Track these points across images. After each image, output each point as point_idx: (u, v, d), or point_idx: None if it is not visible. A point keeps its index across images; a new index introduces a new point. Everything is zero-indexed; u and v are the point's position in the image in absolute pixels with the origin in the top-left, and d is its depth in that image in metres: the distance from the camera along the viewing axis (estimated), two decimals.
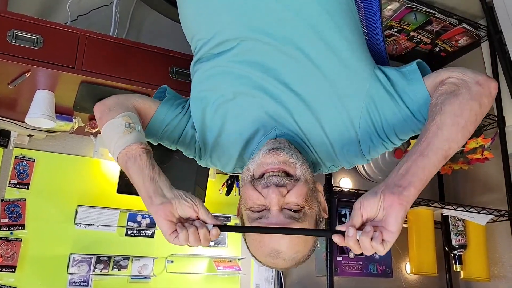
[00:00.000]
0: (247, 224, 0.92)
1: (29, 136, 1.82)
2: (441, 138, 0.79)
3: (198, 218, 0.86)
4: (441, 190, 2.53)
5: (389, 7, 2.05)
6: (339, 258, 1.85)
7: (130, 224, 1.92)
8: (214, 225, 0.84)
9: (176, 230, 0.83)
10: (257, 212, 0.89)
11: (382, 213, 0.75)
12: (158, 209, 0.84)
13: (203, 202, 1.96)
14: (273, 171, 0.90)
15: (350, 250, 1.92)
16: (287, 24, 0.97)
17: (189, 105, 1.09)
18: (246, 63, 0.99)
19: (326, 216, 0.99)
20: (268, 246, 0.87)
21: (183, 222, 0.85)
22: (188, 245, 0.83)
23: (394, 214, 0.74)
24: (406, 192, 0.75)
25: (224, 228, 0.85)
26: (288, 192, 0.87)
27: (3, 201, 1.75)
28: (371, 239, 0.75)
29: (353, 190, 2.01)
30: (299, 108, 0.99)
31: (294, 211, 0.88)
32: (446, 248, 2.21)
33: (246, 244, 0.96)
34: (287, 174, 0.91)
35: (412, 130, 0.94)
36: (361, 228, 0.78)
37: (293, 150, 0.95)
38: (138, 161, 0.91)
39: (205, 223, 0.85)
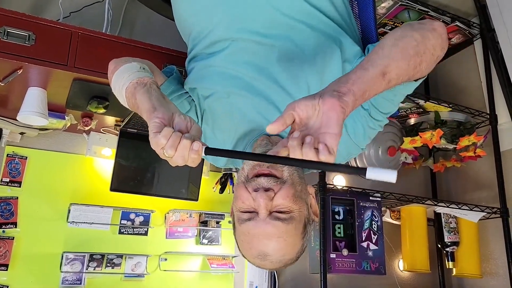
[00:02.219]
0: (237, 225, 0.92)
1: (21, 133, 1.80)
2: (381, 55, 0.79)
3: None
4: (434, 187, 2.55)
5: (382, 4, 2.05)
6: (333, 255, 1.85)
7: (124, 222, 1.91)
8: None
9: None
10: (246, 213, 0.90)
11: (320, 117, 0.70)
12: (157, 114, 0.78)
13: (197, 200, 1.96)
14: (264, 174, 0.90)
15: (344, 248, 1.92)
16: (279, 23, 0.98)
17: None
18: (239, 63, 1.00)
19: (317, 220, 0.99)
20: (257, 249, 0.88)
21: None
22: (164, 154, 0.75)
23: (335, 116, 0.69)
24: (346, 98, 0.71)
25: (210, 150, 0.78)
26: (275, 194, 0.88)
27: None
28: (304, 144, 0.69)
29: (346, 188, 2.01)
30: None
31: (282, 213, 0.88)
32: (439, 245, 2.22)
33: (237, 243, 0.96)
34: (275, 176, 0.91)
35: (388, 99, 0.94)
36: (291, 134, 0.72)
37: None
38: (147, 86, 0.87)
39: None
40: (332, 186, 1.96)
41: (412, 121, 2.34)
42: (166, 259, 1.96)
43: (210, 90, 1.04)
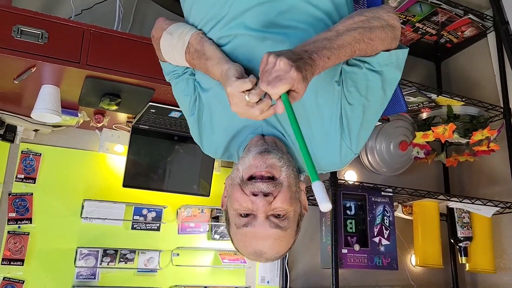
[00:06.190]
0: (233, 228, 0.93)
1: (35, 130, 1.83)
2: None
3: None
4: (447, 182, 2.53)
5: None
6: (344, 250, 1.85)
7: (136, 217, 1.93)
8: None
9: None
10: (244, 217, 0.91)
11: None
12: (236, 66, 0.87)
13: (208, 196, 1.98)
14: (261, 175, 0.91)
15: (356, 243, 1.92)
16: (281, 23, 0.98)
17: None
18: (238, 59, 0.99)
19: (306, 212, 0.99)
20: (253, 248, 0.91)
21: None
22: (242, 99, 0.82)
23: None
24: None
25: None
26: (274, 198, 0.89)
27: (10, 196, 1.76)
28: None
29: (358, 183, 2.01)
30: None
31: (278, 216, 0.90)
32: (452, 240, 2.21)
33: (232, 240, 0.97)
34: (273, 177, 0.92)
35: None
36: None
37: (281, 152, 0.95)
38: (211, 41, 0.98)
39: None
40: (344, 181, 1.95)
41: (424, 115, 2.32)
42: (178, 254, 1.97)
43: (208, 85, 1.04)
